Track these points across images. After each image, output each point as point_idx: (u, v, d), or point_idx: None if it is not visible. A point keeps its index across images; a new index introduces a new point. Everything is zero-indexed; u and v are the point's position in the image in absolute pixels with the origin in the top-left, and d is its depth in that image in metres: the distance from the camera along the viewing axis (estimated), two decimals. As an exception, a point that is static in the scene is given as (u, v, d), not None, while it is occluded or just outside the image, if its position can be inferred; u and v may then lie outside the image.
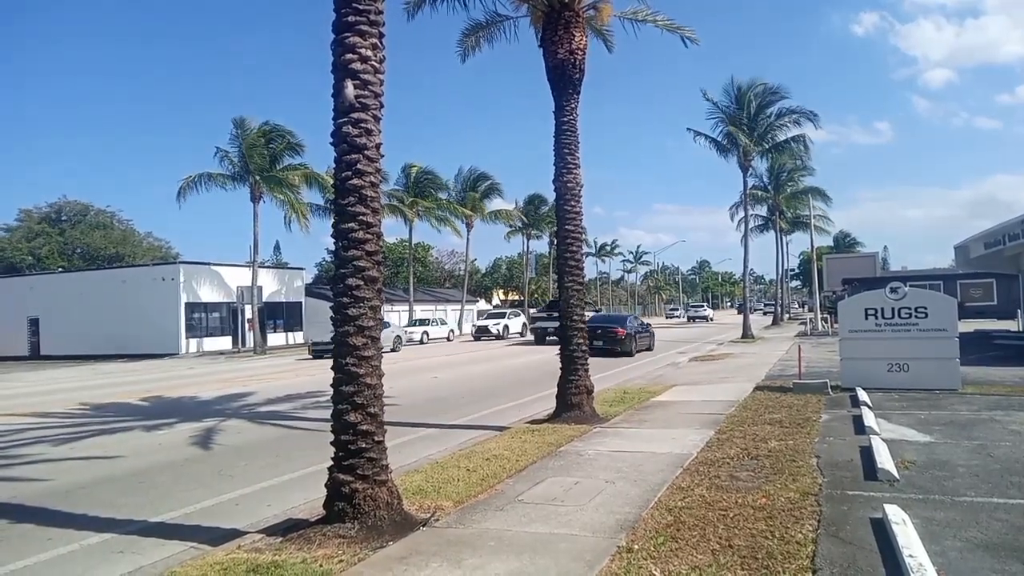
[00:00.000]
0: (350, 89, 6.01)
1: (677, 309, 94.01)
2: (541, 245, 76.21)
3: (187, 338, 39.30)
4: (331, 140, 6.17)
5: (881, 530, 5.07)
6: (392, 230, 55.72)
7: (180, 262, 43.76)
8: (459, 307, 59.52)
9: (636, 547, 5.00)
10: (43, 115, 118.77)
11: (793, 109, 35.59)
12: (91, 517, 6.80)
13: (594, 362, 12.02)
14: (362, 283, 5.98)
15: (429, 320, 46.70)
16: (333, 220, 6.22)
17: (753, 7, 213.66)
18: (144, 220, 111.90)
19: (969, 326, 24.45)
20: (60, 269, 56.80)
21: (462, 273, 66.42)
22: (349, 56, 6.05)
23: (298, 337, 47.14)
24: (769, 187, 52.17)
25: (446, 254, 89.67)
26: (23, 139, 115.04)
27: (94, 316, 40.09)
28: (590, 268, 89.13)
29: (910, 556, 4.35)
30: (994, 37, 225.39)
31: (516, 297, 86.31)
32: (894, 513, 5.15)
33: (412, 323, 44.54)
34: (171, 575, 4.97)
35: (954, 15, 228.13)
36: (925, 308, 12.71)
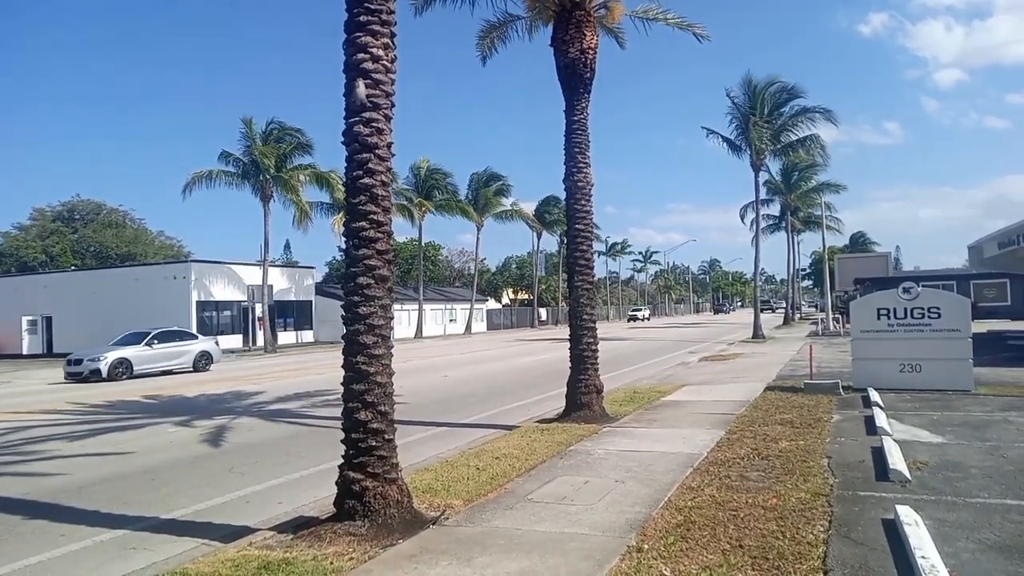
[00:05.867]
0: (361, 88, 6.03)
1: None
2: (551, 244, 76.26)
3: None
4: (342, 139, 6.19)
5: (893, 531, 5.04)
6: (402, 229, 55.86)
7: (192, 261, 43.96)
8: (468, 306, 59.61)
9: (646, 547, 4.99)
10: (56, 114, 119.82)
11: (807, 108, 35.26)
12: (104, 513, 6.86)
13: (603, 362, 12.00)
14: (373, 282, 6.00)
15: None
16: (344, 219, 6.24)
17: (760, 7, 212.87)
18: (156, 219, 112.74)
19: (982, 327, 24.25)
20: (73, 267, 57.24)
21: (472, 272, 66.43)
22: (361, 56, 6.07)
23: (308, 336, 47.30)
24: (782, 185, 51.87)
25: (456, 253, 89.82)
26: (36, 138, 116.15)
27: (106, 314, 40.29)
28: (600, 267, 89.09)
29: (922, 557, 4.33)
30: (1003, 37, 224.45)
31: (526, 296, 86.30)
32: (906, 514, 5.12)
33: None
34: (183, 571, 5.00)
35: (963, 16, 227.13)
36: (938, 308, 12.62)
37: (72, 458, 9.77)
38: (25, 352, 42.27)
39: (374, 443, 5.89)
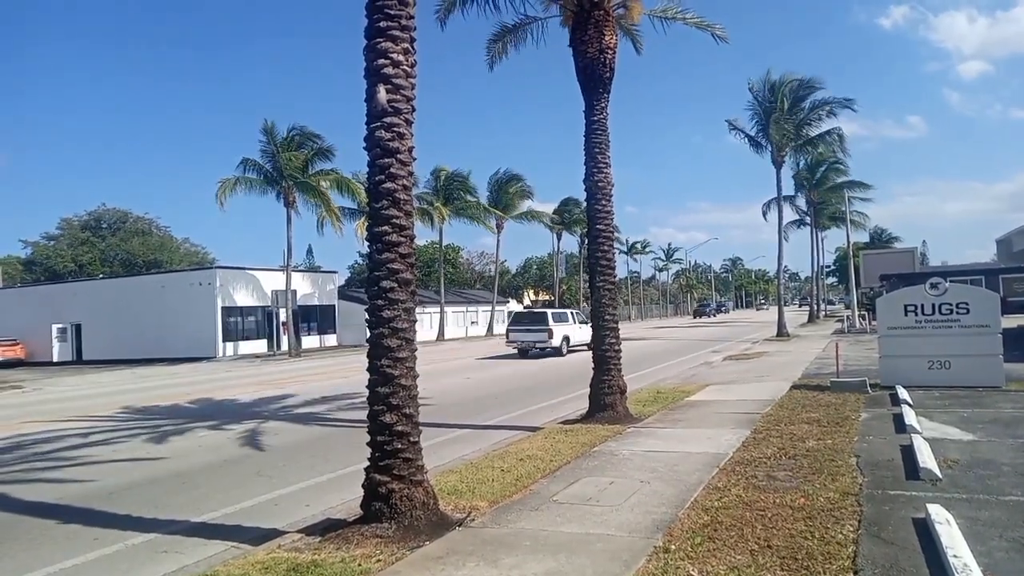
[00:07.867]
0: (382, 94, 6.08)
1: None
2: (572, 244, 76.11)
3: (224, 341, 39.96)
4: (364, 144, 6.24)
5: (924, 530, 4.97)
6: (422, 233, 56.01)
7: (216, 267, 44.51)
8: (490, 308, 59.68)
9: (673, 547, 4.98)
10: (81, 124, 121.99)
11: (827, 100, 35.05)
12: (135, 517, 6.98)
13: (626, 362, 11.96)
14: (396, 285, 6.05)
15: None
16: (367, 223, 6.30)
17: (777, 3, 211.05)
18: (181, 226, 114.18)
19: (1012, 322, 23.78)
20: (101, 276, 58.21)
21: (492, 274, 66.52)
22: (381, 61, 6.13)
23: (331, 340, 47.65)
24: (804, 182, 51.33)
25: (476, 255, 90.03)
26: (62, 149, 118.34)
27: (134, 321, 41.00)
28: (621, 267, 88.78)
29: (955, 556, 4.27)
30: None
31: (547, 297, 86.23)
32: (937, 513, 5.05)
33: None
34: (214, 574, 5.07)
35: (985, 6, 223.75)
36: (967, 304, 12.43)
37: (105, 463, 9.92)
38: (55, 359, 43.06)
39: (399, 445, 5.93)
